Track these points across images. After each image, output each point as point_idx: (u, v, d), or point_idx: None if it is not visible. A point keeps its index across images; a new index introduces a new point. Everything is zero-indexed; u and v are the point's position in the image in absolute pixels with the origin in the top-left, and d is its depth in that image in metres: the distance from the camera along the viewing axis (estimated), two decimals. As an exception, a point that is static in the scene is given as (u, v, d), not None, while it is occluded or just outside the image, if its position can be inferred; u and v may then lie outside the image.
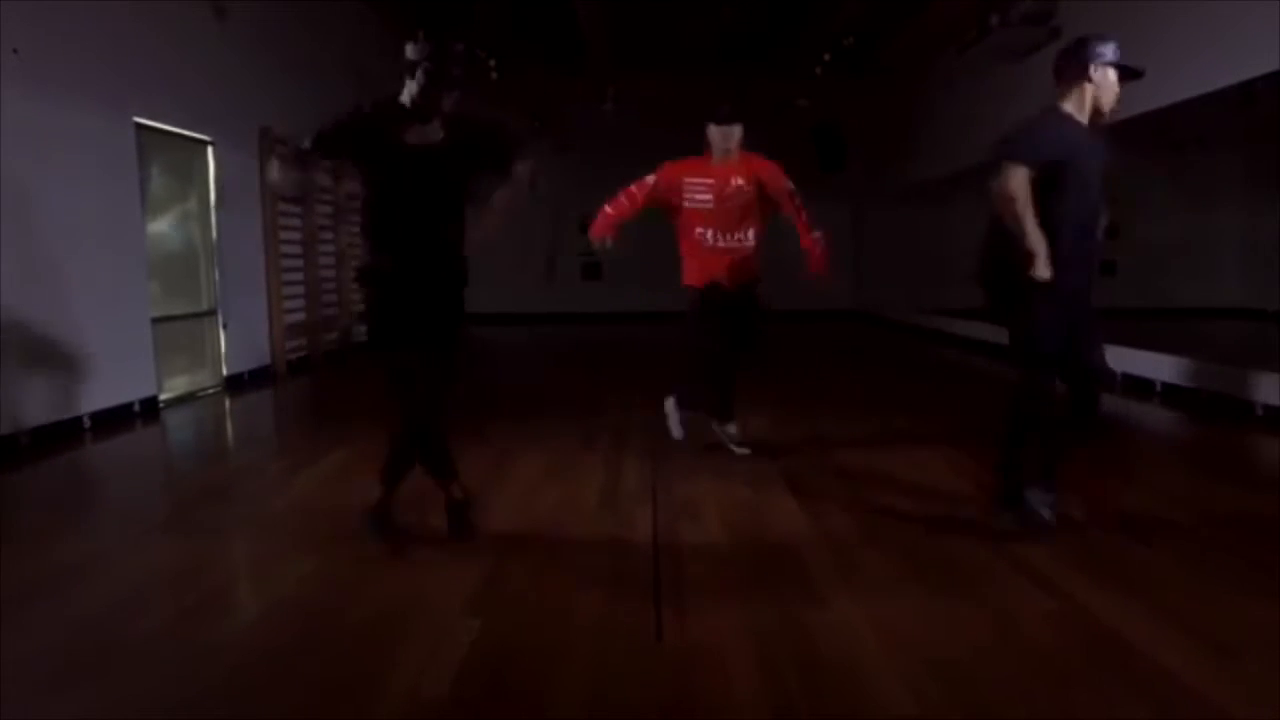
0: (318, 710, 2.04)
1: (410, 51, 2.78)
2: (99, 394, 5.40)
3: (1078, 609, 2.53)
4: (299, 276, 8.45)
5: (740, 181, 4.17)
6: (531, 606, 2.60)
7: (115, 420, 5.50)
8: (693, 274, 4.31)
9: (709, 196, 4.18)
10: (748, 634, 2.36)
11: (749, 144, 4.24)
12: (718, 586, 2.74)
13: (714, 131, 4.17)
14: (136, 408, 5.78)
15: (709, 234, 4.22)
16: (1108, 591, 2.65)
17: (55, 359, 5.02)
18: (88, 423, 5.26)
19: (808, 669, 2.18)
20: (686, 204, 4.22)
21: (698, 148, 4.27)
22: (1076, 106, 3.04)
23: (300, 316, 8.45)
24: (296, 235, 8.40)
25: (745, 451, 4.40)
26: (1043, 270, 2.86)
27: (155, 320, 6.14)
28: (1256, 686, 2.07)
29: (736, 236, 4.23)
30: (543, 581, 2.78)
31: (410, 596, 2.68)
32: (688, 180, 4.21)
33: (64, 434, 5.01)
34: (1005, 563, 2.91)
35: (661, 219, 4.38)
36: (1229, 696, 2.02)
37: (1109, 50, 3.03)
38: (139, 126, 5.90)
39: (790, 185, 4.16)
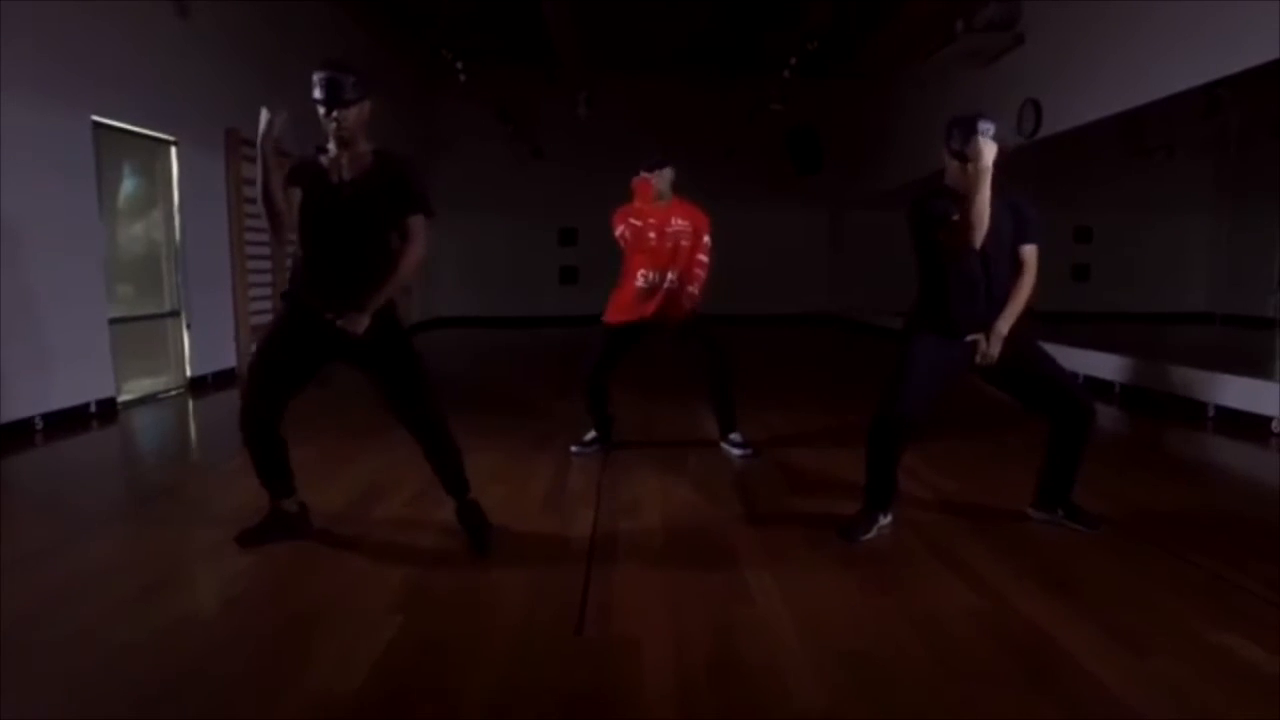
0: (223, 710, 2.03)
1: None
2: (52, 395, 5.35)
3: (1003, 607, 2.55)
4: (266, 278, 8.40)
5: (682, 222, 4.36)
6: (457, 603, 2.59)
7: (69, 421, 5.45)
8: (617, 312, 4.42)
9: (654, 235, 4.34)
10: (669, 629, 2.37)
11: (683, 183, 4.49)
12: (647, 583, 2.74)
13: (649, 177, 4.35)
14: (93, 408, 5.73)
15: (647, 275, 4.35)
16: (1035, 588, 2.67)
17: (4, 359, 4.97)
18: (39, 424, 5.21)
19: (722, 664, 2.18)
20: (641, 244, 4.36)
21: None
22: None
23: (267, 318, 8.39)
24: (264, 236, 8.34)
25: (748, 452, 4.47)
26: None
27: (114, 321, 6.09)
28: (1168, 687, 2.09)
29: (669, 276, 4.34)
30: (473, 579, 2.78)
31: (338, 593, 2.68)
32: (635, 222, 4.37)
33: (12, 435, 4.96)
34: (938, 560, 2.94)
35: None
36: (1140, 697, 2.03)
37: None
38: (97, 125, 5.86)
39: (709, 243, 4.41)
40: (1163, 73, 6.37)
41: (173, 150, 6.90)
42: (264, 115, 2.76)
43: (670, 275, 4.34)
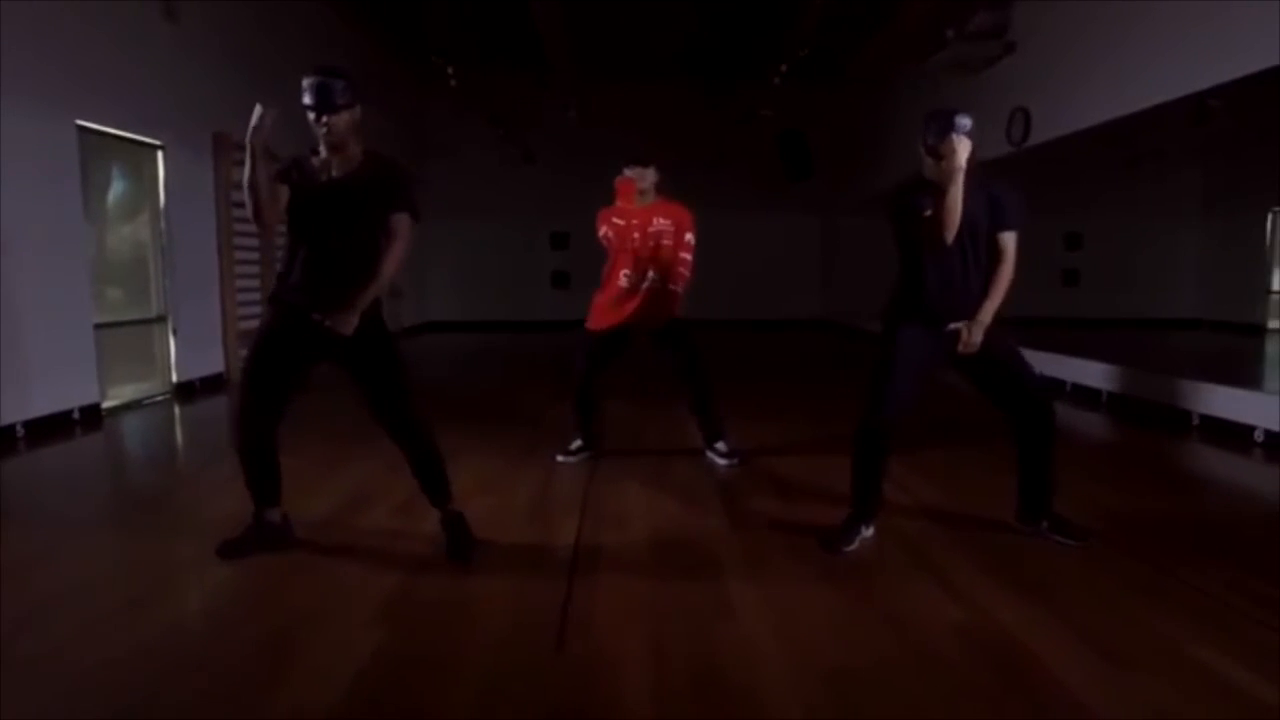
0: (196, 725, 2.01)
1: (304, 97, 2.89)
2: (35, 401, 5.31)
3: (984, 619, 2.54)
4: (255, 282, 8.35)
5: (664, 221, 4.34)
6: (439, 617, 2.57)
7: (52, 428, 5.41)
8: (599, 318, 4.41)
9: (637, 235, 4.32)
10: (651, 645, 2.36)
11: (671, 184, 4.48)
12: (629, 597, 2.73)
13: (631, 171, 4.31)
14: (76, 415, 5.69)
15: (627, 277, 4.34)
16: (1016, 600, 2.67)
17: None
18: (21, 430, 5.17)
19: (703, 680, 2.17)
20: (624, 244, 4.35)
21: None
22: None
23: (256, 323, 8.33)
24: (253, 240, 8.30)
25: (734, 462, 4.45)
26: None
27: (99, 326, 6.05)
28: (1148, 701, 2.08)
29: (650, 276, 4.33)
30: (456, 591, 2.76)
31: (318, 607, 2.65)
32: (618, 221, 4.35)
33: (-6, 441, 4.93)
34: (921, 571, 2.93)
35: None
36: (1122, 712, 2.03)
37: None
38: (82, 129, 5.82)
39: (692, 240, 4.37)
40: (1152, 81, 6.38)
41: (159, 155, 6.87)
42: (257, 110, 2.77)
43: (652, 274, 4.32)
